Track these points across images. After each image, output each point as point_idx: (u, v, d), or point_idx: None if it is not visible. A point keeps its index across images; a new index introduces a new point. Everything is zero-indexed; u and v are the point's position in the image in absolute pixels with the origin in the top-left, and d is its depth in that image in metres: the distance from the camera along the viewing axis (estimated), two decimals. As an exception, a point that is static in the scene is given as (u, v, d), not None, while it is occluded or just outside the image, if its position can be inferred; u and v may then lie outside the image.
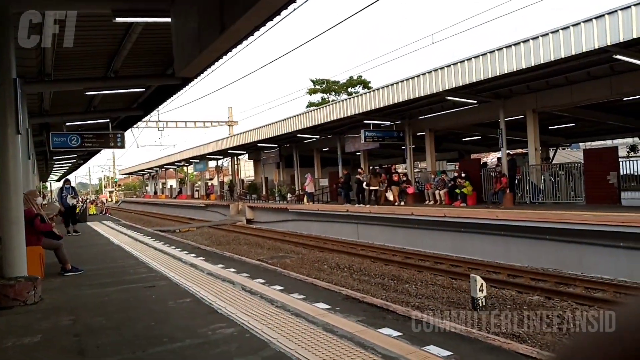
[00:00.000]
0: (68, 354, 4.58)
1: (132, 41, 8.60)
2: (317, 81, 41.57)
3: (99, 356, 4.46)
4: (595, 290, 9.36)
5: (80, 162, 35.59)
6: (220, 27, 4.86)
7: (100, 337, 5.00)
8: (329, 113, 19.89)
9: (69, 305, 6.59)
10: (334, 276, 11.98)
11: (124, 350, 4.57)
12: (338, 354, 4.10)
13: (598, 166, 14.14)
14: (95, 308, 6.37)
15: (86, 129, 16.03)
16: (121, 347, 4.67)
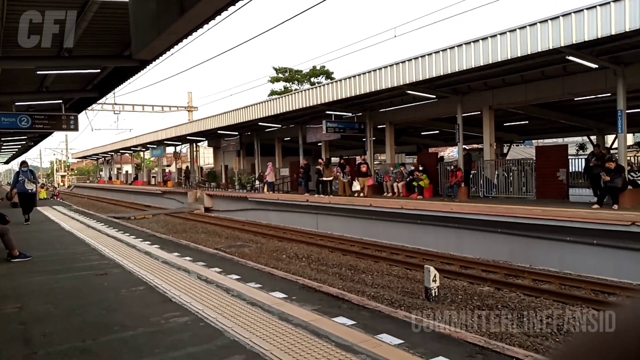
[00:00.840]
0: (12, 343, 4.42)
1: (87, 20, 8.27)
2: (279, 69, 41.27)
3: (45, 345, 4.33)
4: (542, 282, 9.78)
5: (30, 144, 34.05)
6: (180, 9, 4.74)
7: (48, 326, 4.86)
8: (291, 102, 19.80)
9: (15, 293, 6.35)
10: (292, 266, 12.02)
11: (73, 338, 4.46)
12: (292, 342, 4.14)
13: (548, 163, 14.72)
14: (44, 296, 6.16)
15: (37, 109, 15.30)
16: (69, 335, 4.55)
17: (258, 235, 17.59)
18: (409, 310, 7.64)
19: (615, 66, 11.94)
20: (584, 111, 19.92)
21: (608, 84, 12.87)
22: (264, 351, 3.97)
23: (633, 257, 9.51)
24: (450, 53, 12.67)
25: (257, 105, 22.10)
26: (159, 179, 41.57)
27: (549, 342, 6.56)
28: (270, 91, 41.57)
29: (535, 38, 10.69)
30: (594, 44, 10.78)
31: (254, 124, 24.41)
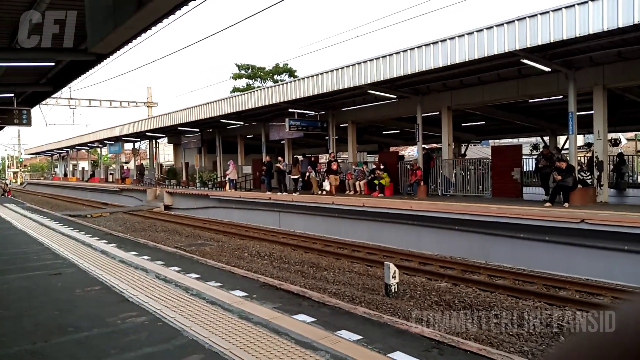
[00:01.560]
0: (-43, 348, 4.24)
1: (41, 11, 7.96)
2: (242, 66, 40.86)
3: (-7, 348, 4.17)
4: (497, 278, 10.10)
5: (-22, 140, 32.44)
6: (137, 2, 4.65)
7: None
8: (253, 99, 19.65)
9: (-40, 295, 6.08)
10: (254, 264, 11.96)
11: (23, 341, 4.31)
12: (252, 341, 4.14)
13: (504, 162, 15.20)
14: (-8, 297, 5.93)
15: (-13, 103, 14.60)
16: (20, 338, 4.40)
17: (219, 234, 17.40)
18: (369, 306, 7.76)
19: (567, 70, 12.43)
20: (537, 112, 20.65)
21: (560, 87, 13.38)
22: (223, 350, 3.95)
23: (583, 253, 9.96)
24: (410, 54, 12.88)
25: (219, 102, 21.82)
26: (116, 176, 40.44)
27: (502, 335, 6.80)
28: (233, 88, 41.12)
29: (492, 41, 11.00)
30: (547, 48, 11.18)
31: (216, 121, 24.09)
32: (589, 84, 12.73)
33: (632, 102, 15.62)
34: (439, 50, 12.13)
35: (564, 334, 6.76)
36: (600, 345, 0.47)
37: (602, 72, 12.55)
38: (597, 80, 12.63)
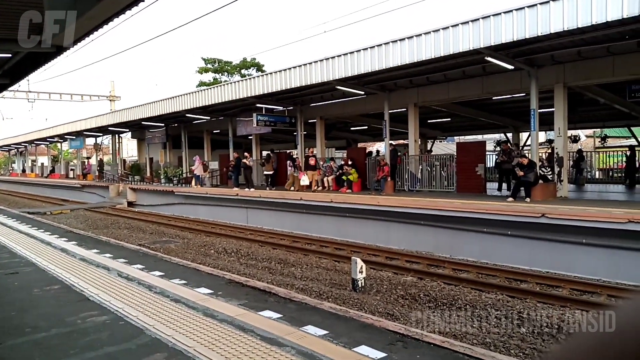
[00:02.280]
0: None
1: (-3, 0, 7.60)
2: (208, 60, 40.25)
3: (-58, 352, 3.97)
4: (461, 271, 10.30)
5: None
6: (98, -7, 4.49)
7: (-54, 331, 4.46)
8: (220, 94, 19.38)
9: None
10: (221, 261, 11.83)
11: (-25, 344, 4.12)
12: (217, 338, 4.08)
13: (468, 158, 15.50)
14: (-58, 299, 5.65)
15: (-63, 95, 13.90)
16: (-28, 340, 4.20)
17: (185, 231, 17.13)
18: (336, 301, 7.78)
19: (529, 68, 12.75)
20: (501, 110, 21.13)
21: (523, 85, 13.72)
22: (187, 348, 3.88)
23: (543, 246, 10.26)
24: (377, 50, 12.95)
25: (184, 96, 21.43)
26: (78, 171, 39.25)
27: (466, 328, 6.93)
28: (199, 82, 40.47)
29: (457, 39, 11.17)
30: (510, 47, 11.44)
31: (181, 116, 23.68)
32: (550, 82, 13.10)
33: (591, 100, 16.16)
34: (406, 47, 12.24)
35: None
36: (600, 345, 0.47)
37: (562, 71, 12.93)
38: (558, 78, 13.00)
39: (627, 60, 11.83)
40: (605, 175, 25.57)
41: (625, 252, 9.05)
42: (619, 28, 9.91)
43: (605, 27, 9.69)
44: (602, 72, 12.40)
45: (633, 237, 8.86)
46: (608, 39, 10.93)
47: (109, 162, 35.07)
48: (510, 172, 14.80)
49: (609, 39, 10.89)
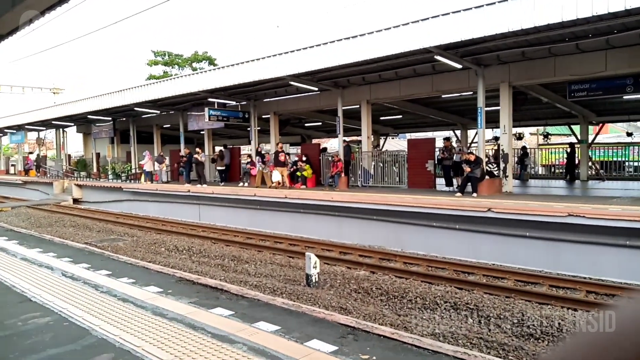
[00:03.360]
0: None
1: None
2: (158, 53, 39.15)
3: None
4: (412, 265, 10.55)
5: None
6: (37, -21, 4.28)
7: None
8: (171, 87, 18.91)
9: None
10: (172, 259, 11.58)
11: None
12: (166, 337, 4.00)
13: (418, 155, 15.86)
14: None
15: None
16: None
17: (134, 228, 16.64)
18: (290, 297, 7.79)
19: (477, 67, 13.16)
20: (450, 107, 21.73)
21: (470, 83, 14.15)
22: (135, 348, 3.78)
23: (490, 239, 10.65)
24: (330, 47, 13.01)
25: (133, 90, 20.75)
26: (19, 167, 37.30)
27: (416, 319, 7.11)
28: (149, 75, 39.31)
29: (408, 38, 11.38)
30: (458, 46, 11.77)
31: (129, 109, 22.93)
32: (496, 81, 13.58)
33: (534, 99, 16.87)
34: (359, 44, 12.36)
35: (472, 316, 7.20)
36: (600, 345, 0.47)
37: (508, 71, 13.44)
38: (504, 77, 13.50)
39: (567, 61, 12.43)
40: (548, 171, 26.88)
41: (565, 244, 9.53)
42: (559, 30, 10.40)
43: (546, 29, 10.15)
44: (544, 73, 12.98)
45: (572, 229, 9.34)
46: (550, 41, 11.44)
47: (54, 158, 33.48)
48: (450, 168, 15.37)
49: (550, 40, 11.39)
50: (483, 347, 5.85)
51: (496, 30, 10.04)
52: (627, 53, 11.50)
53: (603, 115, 21.42)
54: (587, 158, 21.06)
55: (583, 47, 11.77)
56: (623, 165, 23.66)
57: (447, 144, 16.48)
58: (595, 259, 9.13)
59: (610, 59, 11.77)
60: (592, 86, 13.25)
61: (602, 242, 9.07)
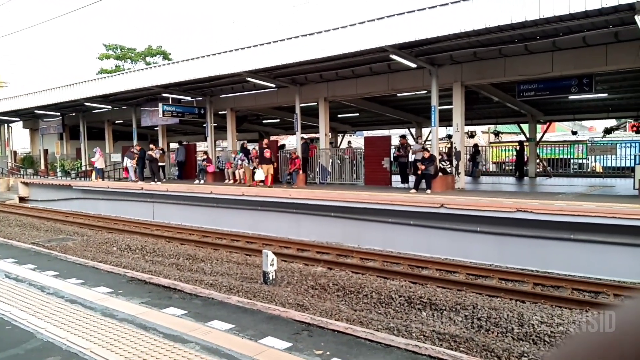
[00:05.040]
0: None
1: None
2: (110, 46, 37.89)
3: None
4: (368, 260, 10.69)
5: None
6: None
7: None
8: (123, 82, 18.35)
9: None
10: (124, 258, 11.26)
11: None
12: (116, 338, 3.89)
13: (375, 152, 16.07)
14: None
15: None
16: None
17: (84, 227, 16.08)
18: (247, 295, 7.74)
19: (431, 67, 13.46)
20: (405, 106, 22.12)
21: (425, 82, 14.45)
22: (83, 350, 3.66)
23: (442, 235, 10.93)
24: (288, 44, 12.96)
25: (83, 84, 19.99)
26: (-42, 164, 35.26)
27: (372, 314, 7.21)
28: (100, 69, 38.01)
29: (364, 36, 11.49)
30: (413, 45, 11.99)
31: (79, 104, 22.10)
32: (450, 81, 13.93)
33: (486, 98, 17.41)
34: (316, 42, 12.37)
35: (425, 309, 7.37)
36: (601, 345, 0.47)
37: (460, 70, 13.80)
38: (457, 77, 13.86)
39: (516, 62, 12.89)
40: (498, 168, 27.86)
41: (513, 238, 9.91)
42: (509, 32, 10.77)
43: (497, 30, 10.49)
44: (495, 73, 13.41)
45: (520, 224, 9.72)
46: (500, 42, 11.82)
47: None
48: (406, 165, 15.69)
49: (501, 41, 11.78)
50: (435, 339, 6.01)
51: (449, 31, 10.28)
52: (572, 55, 12.04)
53: (550, 115, 22.35)
54: (535, 156, 21.97)
55: (531, 49, 12.23)
56: (568, 162, 24.82)
57: (402, 141, 16.77)
58: (542, 253, 9.54)
59: (557, 60, 12.29)
60: (539, 86, 13.81)
61: (548, 236, 9.48)
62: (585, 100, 18.41)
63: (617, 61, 11.51)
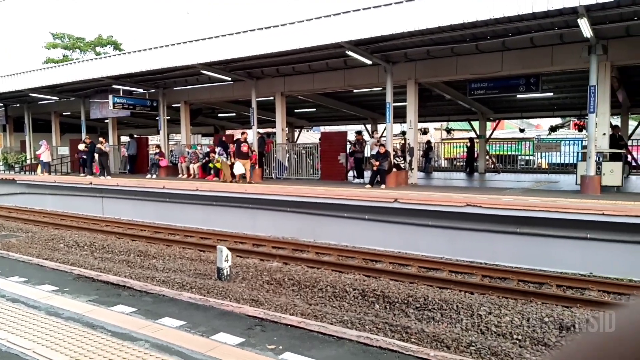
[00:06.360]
0: None
1: None
2: (58, 35, 36.25)
3: None
4: (324, 255, 10.77)
5: None
6: None
7: None
8: (71, 72, 17.62)
9: None
10: (72, 255, 10.87)
11: None
12: (61, 337, 3.76)
13: (331, 148, 16.16)
14: None
15: None
16: None
17: (29, 223, 15.40)
18: (200, 291, 7.64)
19: (386, 64, 13.63)
20: (361, 102, 22.36)
21: (380, 79, 14.63)
22: (25, 351, 3.52)
23: (396, 229, 11.14)
24: (244, 37, 12.82)
25: (28, 74, 19.05)
26: None
27: (326, 308, 7.28)
28: (47, 59, 36.31)
29: (321, 32, 11.51)
30: (368, 42, 12.10)
31: (24, 95, 21.08)
32: (404, 78, 14.17)
33: (438, 96, 17.84)
34: (272, 35, 12.29)
35: (379, 302, 7.51)
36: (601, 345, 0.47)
37: (414, 68, 14.06)
38: (411, 75, 14.12)
39: (468, 61, 13.26)
40: (450, 164, 28.64)
41: (463, 232, 10.22)
42: (461, 31, 11.06)
43: (449, 29, 10.76)
44: (447, 71, 13.75)
45: (469, 218, 10.04)
46: (453, 41, 12.12)
47: None
48: (361, 160, 15.88)
49: (453, 40, 12.08)
50: (388, 331, 6.13)
51: (404, 29, 10.45)
52: (520, 55, 12.49)
53: (499, 113, 23.14)
54: (484, 152, 22.72)
55: (482, 48, 12.61)
56: (516, 158, 25.83)
57: (358, 137, 16.94)
58: (490, 246, 9.89)
59: (506, 60, 12.73)
60: (489, 85, 14.28)
61: (496, 230, 9.84)
62: (533, 99, 19.18)
63: (562, 62, 12.04)
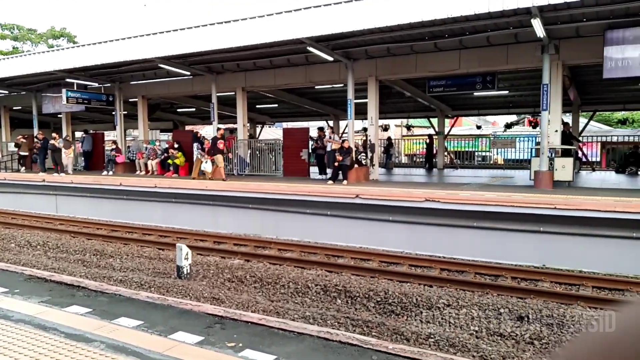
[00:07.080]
0: None
1: None
2: (6, 26, 34.61)
3: None
4: (286, 251, 10.75)
5: None
6: None
7: None
8: (21, 65, 16.89)
9: None
10: (23, 255, 10.44)
11: None
12: (10, 341, 3.61)
13: (293, 144, 16.13)
14: None
15: None
16: None
17: (-24, 223, 14.67)
18: (159, 290, 7.49)
19: (347, 60, 13.72)
20: (323, 98, 22.41)
21: (341, 76, 14.71)
22: (-30, 357, 3.35)
23: (358, 224, 11.24)
24: (203, 30, 12.62)
25: (-27, 66, 18.13)
26: None
27: (288, 304, 7.28)
28: (-5, 50, 34.62)
29: (282, 27, 11.45)
30: (329, 39, 12.15)
31: (-31, 88, 20.04)
32: (365, 75, 14.29)
33: (398, 93, 18.09)
34: (232, 30, 12.15)
35: (340, 297, 7.57)
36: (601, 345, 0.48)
37: (375, 65, 14.20)
38: (371, 72, 14.25)
39: (427, 58, 13.49)
40: (410, 160, 29.14)
41: (422, 226, 10.42)
42: (420, 29, 11.25)
43: (409, 27, 10.92)
44: (407, 69, 13.95)
45: (429, 213, 10.24)
46: (412, 39, 12.32)
47: None
48: (323, 157, 15.96)
49: (412, 38, 12.28)
50: (349, 325, 6.19)
51: (364, 26, 10.54)
52: (477, 54, 12.82)
53: (457, 110, 23.68)
54: (443, 148, 23.22)
55: (440, 46, 12.87)
56: (473, 154, 26.52)
57: (320, 133, 16.99)
58: (449, 240, 10.12)
59: (463, 58, 13.03)
60: (448, 83, 14.58)
61: (454, 224, 10.07)
62: (489, 96, 19.73)
63: (517, 61, 12.42)
